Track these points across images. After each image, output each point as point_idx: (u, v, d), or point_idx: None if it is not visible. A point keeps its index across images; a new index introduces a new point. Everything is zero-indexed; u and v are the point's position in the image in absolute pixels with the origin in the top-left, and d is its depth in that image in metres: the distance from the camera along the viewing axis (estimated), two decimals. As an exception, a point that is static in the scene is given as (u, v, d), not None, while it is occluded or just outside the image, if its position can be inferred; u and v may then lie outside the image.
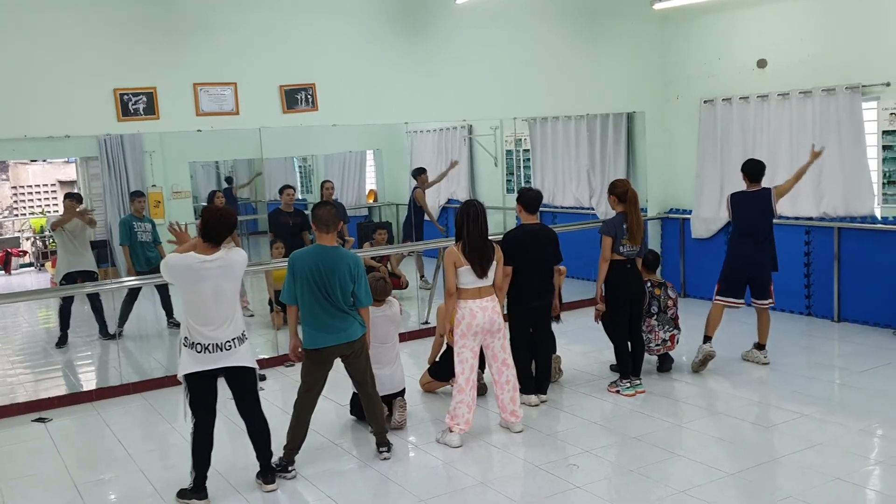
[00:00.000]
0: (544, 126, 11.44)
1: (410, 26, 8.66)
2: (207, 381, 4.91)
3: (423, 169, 11.22)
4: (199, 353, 4.82)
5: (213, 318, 4.82)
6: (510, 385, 5.94)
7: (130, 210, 9.17)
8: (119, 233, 9.04)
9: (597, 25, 9.77)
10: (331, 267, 5.27)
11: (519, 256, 6.35)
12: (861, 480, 4.97)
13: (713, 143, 9.50)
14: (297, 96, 7.95)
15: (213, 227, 4.84)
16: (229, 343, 4.87)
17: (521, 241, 6.45)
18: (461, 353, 5.76)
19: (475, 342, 5.78)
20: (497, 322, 5.80)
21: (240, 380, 5.01)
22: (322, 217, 5.39)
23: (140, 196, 9.22)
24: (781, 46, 8.86)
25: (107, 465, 5.80)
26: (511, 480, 5.24)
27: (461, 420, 5.72)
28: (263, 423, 5.15)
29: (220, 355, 4.85)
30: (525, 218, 6.58)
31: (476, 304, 5.72)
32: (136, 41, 7.27)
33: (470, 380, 5.77)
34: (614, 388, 6.71)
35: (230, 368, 4.92)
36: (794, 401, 6.32)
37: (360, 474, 5.40)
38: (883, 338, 7.88)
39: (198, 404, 4.93)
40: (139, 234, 8.95)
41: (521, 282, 6.41)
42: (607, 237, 6.53)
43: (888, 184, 8.07)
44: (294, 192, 10.12)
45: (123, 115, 7.21)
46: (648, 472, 5.17)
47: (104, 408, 7.07)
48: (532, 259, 6.44)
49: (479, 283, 5.73)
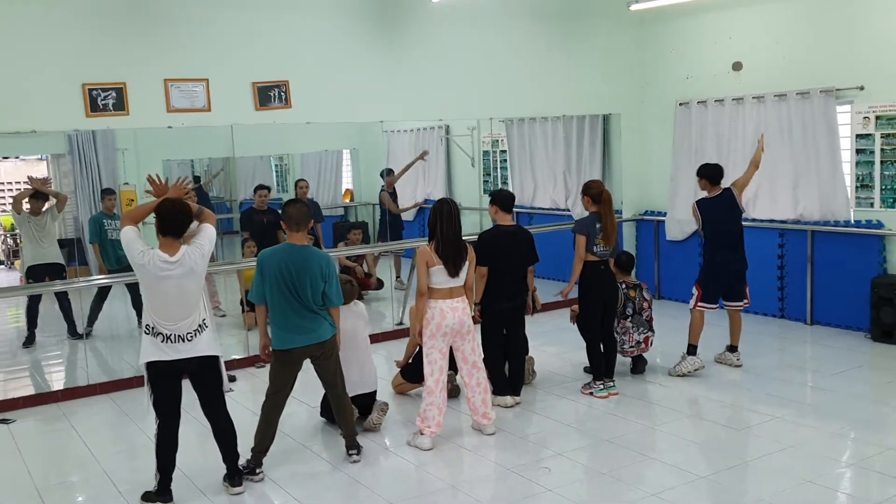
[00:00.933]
0: (521, 127, 11.42)
1: (387, 24, 8.60)
2: (171, 376, 4.80)
3: (391, 170, 11.17)
4: (162, 343, 4.72)
5: (174, 315, 4.72)
6: (481, 387, 5.88)
7: (101, 208, 9.02)
8: (89, 230, 8.90)
9: (574, 27, 9.75)
10: (301, 266, 5.19)
11: (493, 257, 6.30)
12: (832, 483, 4.96)
13: (688, 146, 9.51)
14: (270, 93, 7.86)
15: (171, 220, 4.72)
16: (191, 334, 4.76)
17: (496, 241, 6.40)
18: (430, 355, 5.70)
19: (444, 343, 5.71)
20: (467, 324, 5.73)
21: (204, 378, 4.91)
22: (293, 215, 5.30)
23: (111, 194, 9.06)
24: (757, 49, 8.88)
25: (72, 468, 5.69)
26: (482, 483, 5.19)
27: (432, 422, 5.66)
28: (229, 423, 5.05)
29: (182, 346, 4.74)
30: (501, 218, 6.50)
31: (446, 305, 5.65)
32: (105, 35, 7.15)
33: (440, 381, 5.70)
34: (587, 389, 6.68)
35: (194, 364, 4.80)
36: (766, 403, 6.31)
37: (329, 477, 5.32)
38: (855, 340, 7.91)
39: (161, 403, 4.83)
40: (110, 232, 8.79)
41: (494, 282, 6.37)
42: (581, 235, 6.49)
43: (861, 187, 8.10)
44: (268, 194, 10.05)
45: (92, 111, 7.08)
46: (621, 474, 5.13)
47: (71, 409, 6.95)
48: (506, 260, 6.39)
49: (451, 283, 5.66)
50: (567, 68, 9.73)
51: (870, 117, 7.94)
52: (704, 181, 7.13)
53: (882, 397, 6.49)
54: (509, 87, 9.38)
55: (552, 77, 9.66)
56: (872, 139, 7.95)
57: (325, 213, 11.44)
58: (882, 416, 6.06)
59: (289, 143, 12.05)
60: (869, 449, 5.41)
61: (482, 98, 9.25)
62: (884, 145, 7.87)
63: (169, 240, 4.73)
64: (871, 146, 7.96)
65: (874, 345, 7.75)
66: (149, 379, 4.81)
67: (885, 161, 7.88)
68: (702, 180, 7.16)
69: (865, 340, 7.88)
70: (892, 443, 5.45)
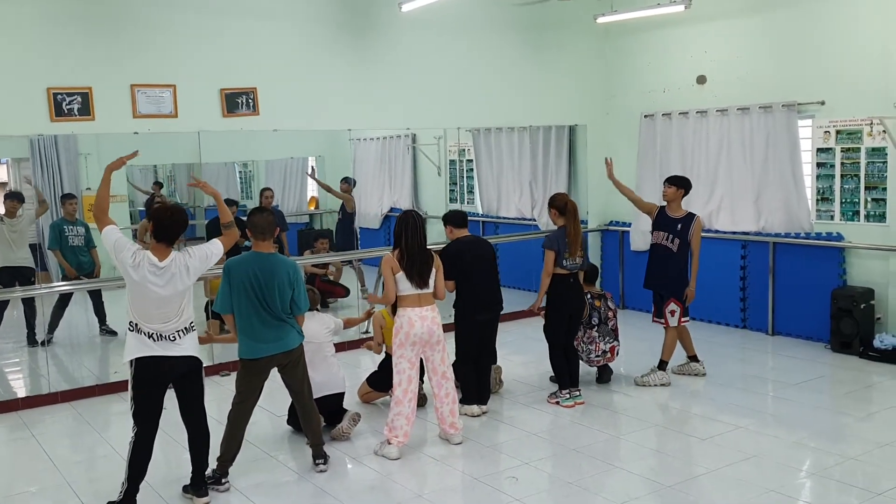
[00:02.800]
0: (488, 137, 11.46)
1: (355, 33, 8.59)
2: (156, 381, 4.73)
3: (350, 178, 11.23)
4: (148, 339, 4.66)
5: (158, 317, 4.68)
6: (450, 398, 5.89)
7: (62, 213, 8.89)
8: (49, 236, 8.76)
9: (541, 38, 9.82)
10: (270, 274, 5.17)
11: (460, 270, 6.31)
12: (794, 492, 5.04)
13: (653, 157, 9.62)
14: (238, 100, 7.82)
15: (167, 227, 4.69)
16: (174, 335, 4.72)
17: (459, 254, 6.39)
18: (399, 364, 5.69)
19: (413, 353, 5.70)
20: (436, 333, 5.73)
21: (188, 380, 4.86)
22: (258, 224, 5.27)
23: (71, 198, 8.91)
24: (721, 63, 9.02)
25: (32, 478, 5.58)
26: (449, 493, 5.19)
27: (399, 432, 5.64)
28: (206, 431, 5.01)
29: (167, 344, 4.69)
30: (457, 234, 6.55)
31: (415, 313, 5.65)
32: (71, 39, 7.06)
33: (408, 391, 5.69)
34: (554, 399, 6.71)
35: (182, 364, 4.74)
36: (729, 413, 6.39)
37: (296, 487, 5.29)
38: (815, 351, 8.05)
39: (143, 408, 4.74)
40: (70, 239, 8.67)
41: (468, 293, 6.39)
42: (550, 251, 6.54)
43: (822, 200, 8.26)
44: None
45: (57, 115, 6.99)
46: (587, 483, 5.17)
47: (31, 417, 6.82)
48: (476, 268, 6.41)
49: (419, 291, 5.66)
50: (534, 79, 9.80)
51: (830, 132, 8.09)
52: (683, 192, 7.23)
53: (841, 408, 6.61)
54: (476, 96, 9.42)
55: (519, 87, 9.71)
56: (833, 153, 8.11)
57: (289, 220, 11.39)
58: (841, 427, 6.17)
59: (254, 149, 11.97)
60: (829, 459, 5.50)
61: (449, 107, 9.27)
62: (844, 159, 8.04)
63: (161, 245, 4.69)
64: (832, 160, 8.12)
65: (834, 355, 7.88)
66: (134, 379, 4.71)
67: (844, 175, 8.04)
68: (680, 191, 7.23)
69: (825, 351, 8.02)
70: (851, 452, 5.55)
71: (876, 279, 7.94)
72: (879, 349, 7.64)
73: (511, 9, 9.62)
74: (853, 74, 7.87)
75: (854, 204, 8.00)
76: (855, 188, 7.98)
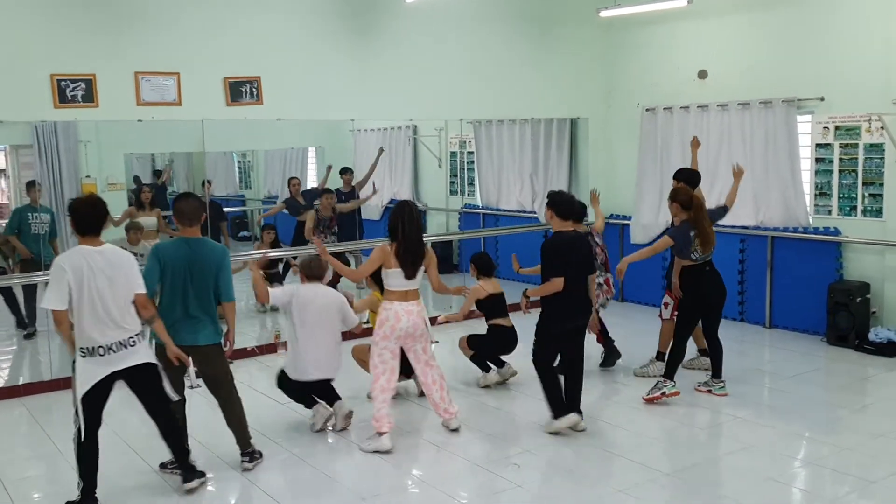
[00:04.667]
0: (489, 129, 11.51)
1: (359, 24, 8.62)
2: (107, 387, 4.64)
3: (349, 168, 11.22)
4: (102, 356, 4.54)
5: (112, 313, 4.55)
6: (437, 385, 5.88)
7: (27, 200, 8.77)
8: (8, 222, 8.71)
9: (544, 31, 9.86)
10: (199, 258, 5.06)
11: (559, 266, 5.73)
12: (790, 481, 5.12)
13: (653, 151, 9.67)
14: (242, 89, 7.84)
15: (88, 217, 4.57)
16: (133, 339, 4.64)
17: (561, 248, 5.77)
18: (382, 355, 5.66)
19: (395, 345, 5.70)
20: (421, 327, 5.72)
21: (142, 379, 4.76)
22: (184, 210, 5.12)
23: (34, 185, 8.81)
24: (722, 58, 9.08)
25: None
26: (451, 479, 5.24)
27: (384, 421, 5.59)
28: (174, 420, 4.97)
29: (125, 353, 4.60)
30: (558, 225, 5.83)
31: (401, 307, 5.63)
32: (76, 25, 7.08)
33: (391, 381, 5.71)
34: (705, 388, 6.66)
35: (132, 369, 4.66)
36: (727, 404, 6.46)
37: (297, 472, 5.35)
38: (812, 344, 8.12)
39: (91, 408, 4.62)
40: (33, 226, 8.56)
41: (561, 297, 5.74)
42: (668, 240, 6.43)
43: (819, 195, 8.33)
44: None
45: (61, 102, 7.00)
46: (587, 471, 5.27)
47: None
48: (574, 271, 5.76)
49: (407, 287, 5.64)
50: (536, 72, 9.84)
51: (829, 127, 8.16)
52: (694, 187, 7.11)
53: (836, 399, 6.69)
54: (478, 88, 9.45)
55: (521, 80, 9.75)
56: (831, 149, 8.18)
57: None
58: (836, 418, 6.25)
59: (255, 139, 12.01)
60: (824, 449, 5.60)
61: (451, 99, 9.30)
62: (842, 155, 8.11)
63: (88, 239, 4.60)
64: (830, 156, 8.19)
65: (830, 348, 7.96)
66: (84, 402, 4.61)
67: (843, 170, 8.11)
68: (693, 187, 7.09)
69: (822, 344, 8.10)
70: (845, 443, 5.63)
71: (872, 273, 8.02)
72: (875, 342, 7.71)
73: (514, 1, 9.67)
74: (853, 71, 7.94)
75: (851, 199, 8.07)
76: (853, 184, 8.05)
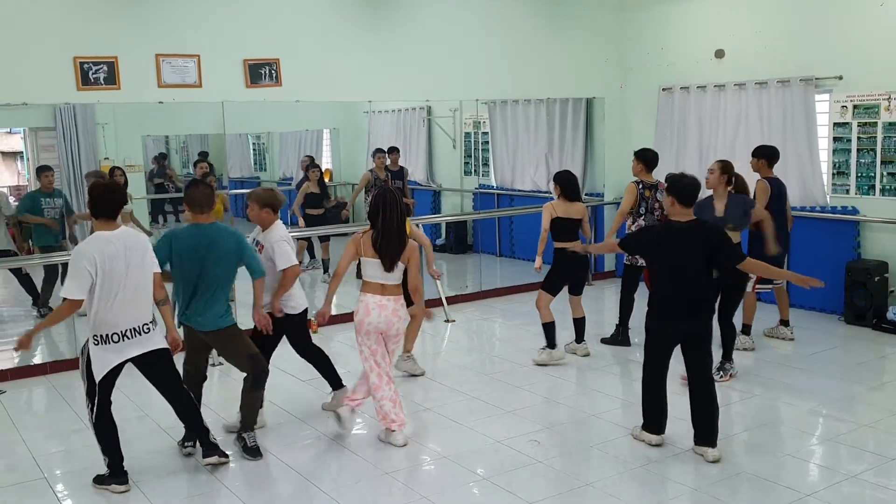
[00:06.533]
0: (504, 109, 11.52)
1: (376, 4, 8.64)
2: (118, 371, 4.73)
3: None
4: (116, 343, 4.62)
5: (129, 297, 4.60)
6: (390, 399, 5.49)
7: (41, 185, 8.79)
8: (19, 204, 8.80)
9: (559, 10, 9.85)
10: (213, 243, 5.08)
11: (652, 260, 5.35)
12: (808, 457, 5.18)
13: (670, 131, 9.68)
14: (261, 71, 7.90)
15: (106, 200, 4.61)
16: (147, 326, 4.72)
17: (658, 240, 5.28)
18: (362, 352, 5.46)
19: (372, 340, 5.40)
20: (395, 326, 5.39)
21: (155, 365, 4.85)
22: (195, 197, 5.11)
23: (47, 170, 8.85)
24: (739, 37, 9.06)
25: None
26: (471, 455, 5.30)
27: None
28: (189, 399, 5.04)
29: (139, 339, 4.68)
30: (676, 213, 5.13)
31: (373, 300, 5.31)
32: (98, 8, 7.15)
33: (382, 375, 5.43)
34: (726, 376, 6.58)
35: (144, 356, 4.74)
36: (746, 381, 6.52)
37: (324, 448, 5.44)
38: (829, 323, 8.16)
39: (102, 390, 4.71)
40: (46, 211, 8.64)
41: (660, 295, 5.22)
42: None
43: (837, 174, 8.33)
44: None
45: (83, 84, 7.08)
46: (607, 447, 5.33)
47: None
48: (673, 265, 5.11)
49: (384, 280, 5.31)
50: (551, 51, 9.84)
51: (847, 106, 8.15)
52: (763, 161, 7.18)
53: (854, 378, 6.72)
54: (493, 68, 9.47)
55: (536, 60, 9.75)
56: (849, 128, 8.17)
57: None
58: (854, 395, 6.28)
59: (270, 121, 12.06)
60: (842, 426, 5.63)
61: (466, 79, 9.33)
62: (860, 134, 8.10)
63: (103, 222, 4.64)
64: (848, 134, 8.18)
65: (847, 327, 8.00)
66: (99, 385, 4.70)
67: (861, 149, 8.10)
68: (760, 160, 7.20)
69: (839, 323, 8.13)
70: (863, 420, 5.68)
71: (890, 252, 8.04)
72: (892, 321, 7.74)
73: (530, -19, 9.67)
74: (871, 49, 7.92)
75: (870, 178, 8.07)
76: (871, 162, 8.04)
